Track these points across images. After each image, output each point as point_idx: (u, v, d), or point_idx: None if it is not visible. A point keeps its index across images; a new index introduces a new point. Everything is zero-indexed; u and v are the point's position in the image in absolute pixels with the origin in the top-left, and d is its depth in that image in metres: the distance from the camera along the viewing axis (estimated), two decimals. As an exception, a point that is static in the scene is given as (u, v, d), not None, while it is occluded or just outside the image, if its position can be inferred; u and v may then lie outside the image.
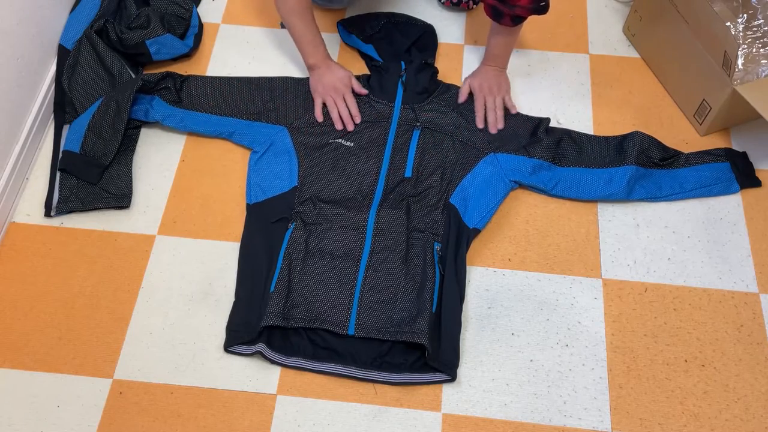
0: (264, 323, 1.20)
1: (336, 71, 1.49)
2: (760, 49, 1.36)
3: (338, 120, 1.46)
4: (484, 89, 1.49)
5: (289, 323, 1.21)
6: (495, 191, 1.39)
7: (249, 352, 1.23)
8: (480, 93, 1.49)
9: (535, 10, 1.36)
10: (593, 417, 1.20)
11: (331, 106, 1.47)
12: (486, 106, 1.48)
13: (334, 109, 1.46)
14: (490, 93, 1.49)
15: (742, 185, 1.43)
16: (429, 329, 1.21)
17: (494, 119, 1.47)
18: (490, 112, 1.47)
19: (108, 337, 1.27)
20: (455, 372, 1.21)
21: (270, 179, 1.40)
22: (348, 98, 1.47)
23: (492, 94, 1.49)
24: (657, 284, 1.33)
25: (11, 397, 1.22)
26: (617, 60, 1.65)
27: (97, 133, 1.43)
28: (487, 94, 1.49)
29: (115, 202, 1.41)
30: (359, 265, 1.28)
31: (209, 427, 1.19)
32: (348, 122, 1.45)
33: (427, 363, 1.21)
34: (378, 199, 1.35)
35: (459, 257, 1.30)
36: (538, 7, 1.35)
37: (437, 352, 1.21)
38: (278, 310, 1.22)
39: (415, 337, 1.19)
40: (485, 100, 1.48)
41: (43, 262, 1.35)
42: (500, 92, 1.50)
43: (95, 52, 1.54)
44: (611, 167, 1.41)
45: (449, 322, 1.24)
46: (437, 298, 1.26)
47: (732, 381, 1.23)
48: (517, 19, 1.39)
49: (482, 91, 1.49)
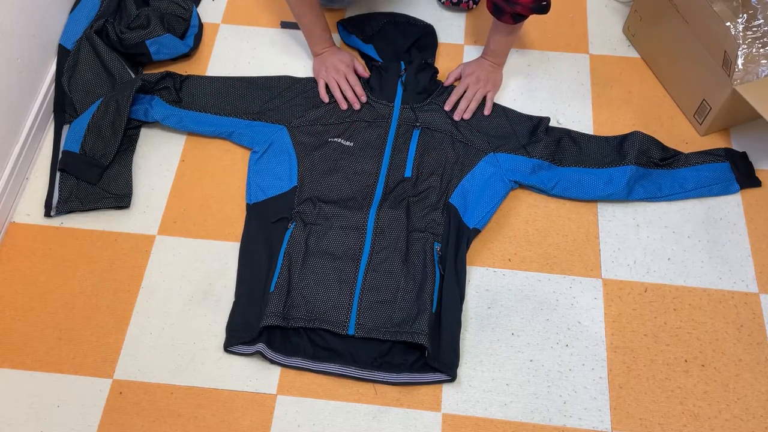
0: (264, 323, 1.20)
1: (339, 53, 1.52)
2: (760, 49, 1.36)
3: (342, 100, 1.47)
4: (472, 77, 1.50)
5: (289, 323, 1.21)
6: (495, 191, 1.39)
7: (249, 352, 1.23)
8: (466, 79, 1.50)
9: (535, 9, 1.35)
10: (593, 417, 1.20)
11: (334, 86, 1.48)
12: (465, 92, 1.48)
13: (336, 90, 1.48)
14: (476, 83, 1.49)
15: (742, 185, 1.43)
16: (429, 329, 1.21)
17: (464, 108, 1.46)
18: (464, 100, 1.47)
19: (108, 337, 1.27)
20: (455, 372, 1.21)
21: (269, 179, 1.40)
22: (351, 78, 1.49)
23: (477, 85, 1.48)
24: (657, 284, 1.33)
25: (11, 397, 1.22)
26: (617, 60, 1.65)
27: (97, 133, 1.43)
28: (473, 82, 1.49)
29: (115, 202, 1.41)
30: (359, 265, 1.28)
31: (209, 427, 1.19)
32: (354, 101, 1.46)
33: (427, 363, 1.21)
34: (378, 199, 1.35)
35: (459, 257, 1.30)
36: (539, 6, 1.35)
37: (437, 352, 1.21)
38: (278, 310, 1.22)
39: (415, 338, 1.19)
40: (467, 88, 1.48)
41: (43, 262, 1.35)
42: (486, 87, 1.49)
43: (95, 52, 1.54)
44: (611, 167, 1.41)
45: (449, 322, 1.24)
46: (437, 298, 1.26)
47: (732, 381, 1.23)
48: (517, 17, 1.39)
49: (469, 78, 1.50)
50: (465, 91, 1.49)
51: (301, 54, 1.65)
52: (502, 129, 1.46)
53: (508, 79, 1.61)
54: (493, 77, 1.52)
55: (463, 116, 1.45)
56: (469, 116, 1.45)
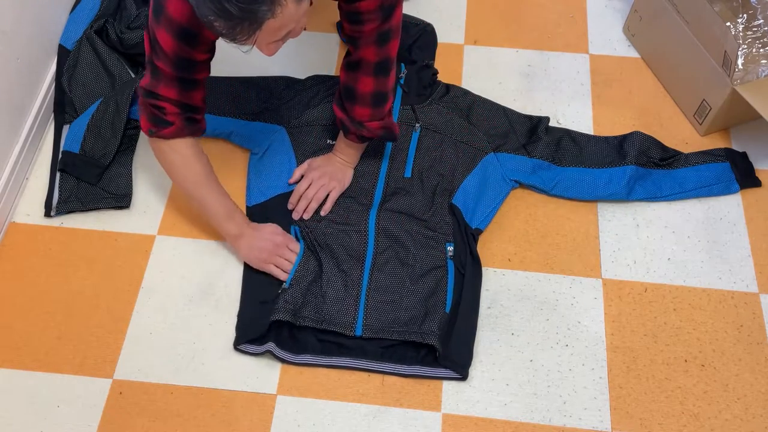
0: (274, 317, 1.20)
1: (263, 230, 1.30)
2: (760, 49, 1.36)
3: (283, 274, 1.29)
4: (317, 172, 1.35)
5: (298, 321, 1.21)
6: (496, 191, 1.39)
7: (258, 351, 1.23)
8: (310, 174, 1.36)
9: (385, 137, 1.30)
10: (593, 417, 1.20)
11: (277, 271, 1.28)
12: (307, 190, 1.34)
13: (280, 272, 1.28)
14: (320, 178, 1.34)
15: (742, 185, 1.43)
16: (441, 329, 1.21)
17: (303, 208, 1.33)
18: (303, 199, 1.33)
19: (108, 337, 1.27)
20: (467, 372, 1.21)
21: (270, 180, 1.40)
22: (292, 246, 1.30)
23: (321, 181, 1.34)
24: (657, 284, 1.33)
25: (11, 397, 1.21)
26: (617, 60, 1.65)
27: (97, 134, 1.43)
28: (317, 178, 1.34)
29: (115, 202, 1.41)
30: (364, 266, 1.28)
31: (209, 427, 1.19)
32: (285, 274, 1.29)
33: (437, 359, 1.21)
34: (378, 200, 1.35)
35: (475, 258, 1.31)
36: (390, 134, 1.30)
37: (449, 352, 1.21)
38: (290, 307, 1.22)
39: (425, 338, 1.20)
40: (310, 184, 1.34)
41: (43, 262, 1.35)
42: (330, 184, 1.34)
43: (95, 52, 1.54)
44: (611, 167, 1.41)
45: (465, 322, 1.24)
46: (453, 298, 1.26)
47: (732, 381, 1.23)
48: (363, 139, 1.31)
49: (313, 173, 1.35)
50: (308, 187, 1.35)
51: (301, 55, 1.64)
52: (502, 129, 1.46)
53: (509, 78, 1.61)
54: (341, 174, 1.36)
55: (303, 215, 1.33)
56: (308, 216, 1.32)
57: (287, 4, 0.90)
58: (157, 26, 1.07)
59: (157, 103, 1.16)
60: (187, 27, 1.06)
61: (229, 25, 0.89)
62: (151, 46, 1.11)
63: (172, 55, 1.09)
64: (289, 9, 0.90)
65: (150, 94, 1.16)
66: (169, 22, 1.06)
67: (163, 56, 1.10)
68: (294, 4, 0.91)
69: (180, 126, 1.19)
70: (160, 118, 1.17)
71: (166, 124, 1.18)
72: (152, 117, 1.18)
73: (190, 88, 1.16)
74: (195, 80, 1.16)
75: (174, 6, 1.04)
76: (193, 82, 1.16)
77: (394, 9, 1.15)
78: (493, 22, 1.72)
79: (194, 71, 1.14)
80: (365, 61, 1.19)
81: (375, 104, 1.24)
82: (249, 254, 1.29)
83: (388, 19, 1.14)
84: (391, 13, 1.14)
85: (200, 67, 1.15)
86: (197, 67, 1.14)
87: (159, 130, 1.18)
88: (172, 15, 1.05)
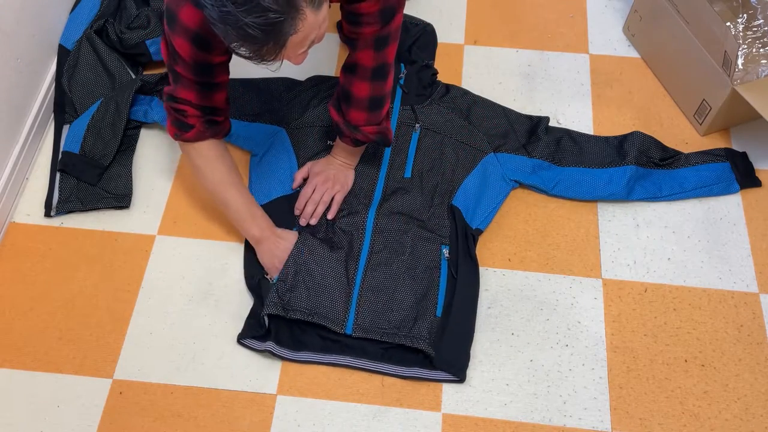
0: (265, 312, 1.21)
1: (285, 239, 1.30)
2: (760, 49, 1.36)
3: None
4: (320, 177, 1.35)
5: (288, 314, 1.21)
6: (496, 191, 1.40)
7: (258, 348, 1.23)
8: (314, 179, 1.35)
9: (380, 141, 1.30)
10: (593, 417, 1.20)
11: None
12: (313, 194, 1.34)
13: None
14: (324, 183, 1.34)
15: (742, 185, 1.43)
16: (431, 334, 1.21)
17: (311, 212, 1.33)
18: (310, 203, 1.33)
19: (108, 337, 1.27)
20: (464, 374, 1.21)
21: (271, 183, 1.40)
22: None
23: (325, 185, 1.34)
24: (657, 284, 1.33)
25: (11, 397, 1.22)
26: (617, 60, 1.65)
27: (97, 134, 1.43)
28: (320, 183, 1.34)
29: (115, 202, 1.41)
30: (358, 265, 1.28)
31: (209, 427, 1.19)
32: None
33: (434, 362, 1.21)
34: (377, 200, 1.35)
35: (472, 259, 1.30)
36: (384, 139, 1.30)
37: (443, 354, 1.21)
38: (279, 300, 1.22)
39: (414, 342, 1.20)
40: (315, 189, 1.34)
41: (43, 262, 1.35)
42: (334, 187, 1.34)
43: (95, 53, 1.54)
44: (611, 167, 1.41)
45: (461, 325, 1.24)
46: (445, 301, 1.26)
47: (732, 381, 1.23)
48: (357, 143, 1.31)
49: (317, 179, 1.35)
50: (313, 191, 1.34)
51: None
52: (502, 129, 1.46)
53: (509, 78, 1.61)
54: (343, 177, 1.36)
55: (309, 221, 1.33)
56: (315, 221, 1.32)
57: (307, 16, 0.90)
58: (172, 34, 1.09)
59: (178, 106, 1.18)
60: (201, 32, 1.08)
61: (254, 49, 0.90)
62: (169, 53, 1.14)
63: (190, 60, 1.11)
64: (309, 20, 0.91)
65: (172, 98, 1.18)
66: (183, 30, 1.08)
67: (182, 62, 1.12)
68: (313, 14, 0.91)
69: (201, 129, 1.20)
70: (182, 121, 1.19)
71: (187, 127, 1.20)
72: (175, 121, 1.20)
73: (210, 90, 1.18)
74: (215, 83, 1.18)
75: (186, 14, 1.06)
76: (213, 85, 1.18)
77: (395, 14, 1.15)
78: (493, 21, 1.72)
79: (213, 75, 1.16)
80: (362, 65, 1.19)
81: (371, 108, 1.25)
82: (268, 261, 1.29)
83: (387, 24, 1.14)
84: (391, 18, 1.14)
85: (219, 70, 1.16)
86: (216, 69, 1.15)
87: (182, 133, 1.21)
88: (185, 22, 1.07)
